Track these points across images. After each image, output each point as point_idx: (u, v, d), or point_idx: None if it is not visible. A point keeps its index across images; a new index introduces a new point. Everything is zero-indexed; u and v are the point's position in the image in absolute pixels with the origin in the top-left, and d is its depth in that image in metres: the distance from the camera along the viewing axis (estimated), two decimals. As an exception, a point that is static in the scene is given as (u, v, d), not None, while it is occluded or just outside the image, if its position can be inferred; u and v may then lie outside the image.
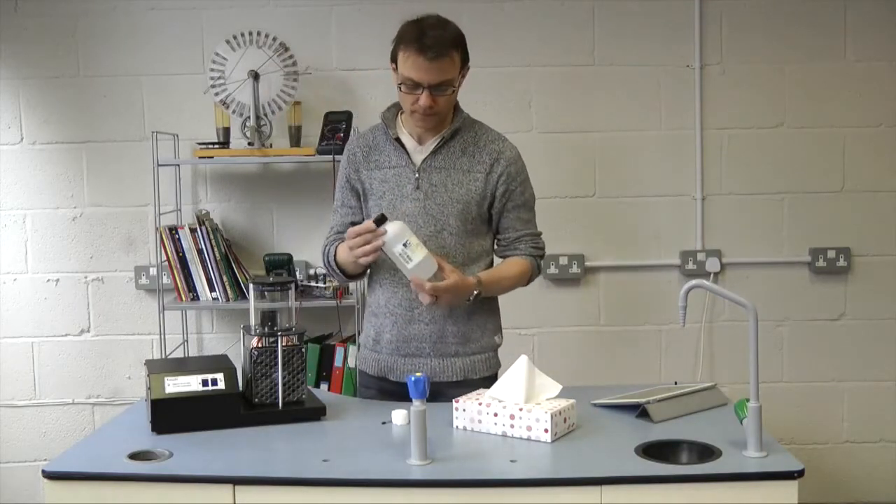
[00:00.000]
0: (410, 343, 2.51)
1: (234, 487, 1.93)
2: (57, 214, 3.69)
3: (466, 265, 2.49)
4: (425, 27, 2.38)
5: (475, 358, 2.53)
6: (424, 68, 2.36)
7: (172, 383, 2.20)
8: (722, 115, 3.69)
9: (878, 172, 3.72)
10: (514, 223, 2.56)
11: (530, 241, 2.58)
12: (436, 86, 2.38)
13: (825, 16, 3.67)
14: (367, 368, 2.61)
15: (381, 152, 2.54)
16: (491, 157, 2.50)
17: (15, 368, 3.73)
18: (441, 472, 1.94)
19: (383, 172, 2.52)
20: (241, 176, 3.70)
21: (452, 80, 2.41)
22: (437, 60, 2.35)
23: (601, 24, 3.67)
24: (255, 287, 2.34)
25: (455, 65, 2.41)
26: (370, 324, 2.61)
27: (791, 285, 3.75)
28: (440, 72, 2.37)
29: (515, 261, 2.56)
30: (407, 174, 2.49)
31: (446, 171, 2.48)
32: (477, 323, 2.53)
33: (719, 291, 2.11)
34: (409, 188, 2.49)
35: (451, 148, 2.50)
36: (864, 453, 3.81)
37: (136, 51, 3.64)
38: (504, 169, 2.50)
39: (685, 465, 2.03)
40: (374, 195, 2.53)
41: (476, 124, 2.56)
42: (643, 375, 3.66)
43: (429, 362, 2.51)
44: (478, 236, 2.53)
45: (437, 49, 2.35)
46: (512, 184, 2.52)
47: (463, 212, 2.48)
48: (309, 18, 3.64)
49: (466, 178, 2.48)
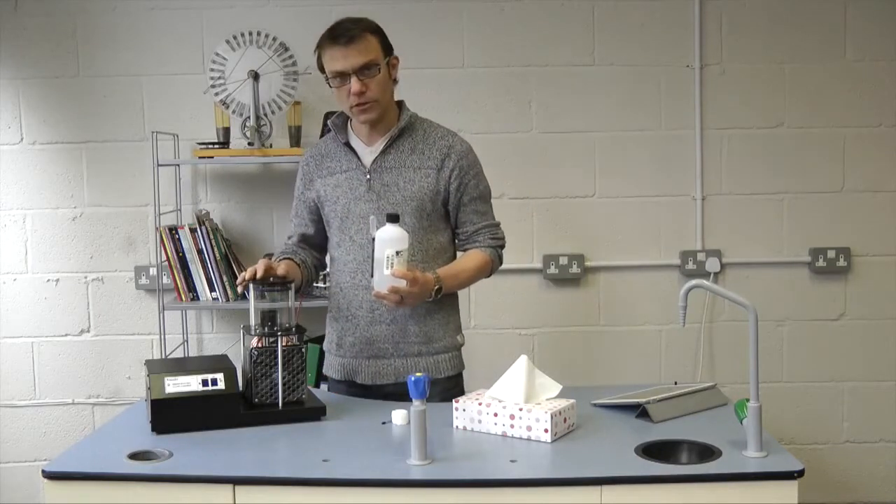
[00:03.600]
0: (374, 344, 2.54)
1: (234, 487, 1.93)
2: (57, 214, 3.69)
3: (426, 262, 2.50)
4: (335, 24, 2.46)
5: (439, 357, 2.55)
6: (342, 55, 2.41)
7: (172, 383, 2.20)
8: (722, 115, 3.69)
9: (878, 172, 3.72)
10: (471, 216, 2.58)
11: (488, 232, 2.60)
12: (360, 69, 2.41)
13: (825, 16, 3.67)
14: (333, 373, 2.64)
15: (333, 158, 2.58)
16: (441, 152, 2.52)
17: (15, 368, 3.73)
18: (441, 472, 1.94)
19: (335, 178, 2.55)
20: (241, 176, 3.70)
21: (375, 61, 2.43)
22: (352, 43, 2.40)
23: (601, 24, 3.67)
24: (255, 287, 2.34)
25: (373, 46, 2.44)
26: (332, 328, 2.64)
27: (791, 285, 3.75)
28: (359, 53, 2.41)
29: (473, 253, 2.58)
30: (358, 176, 2.52)
31: (397, 169, 2.51)
32: (438, 322, 2.55)
33: (719, 291, 2.11)
34: (362, 190, 2.51)
35: (399, 147, 2.52)
36: (864, 453, 3.81)
37: (136, 51, 3.64)
38: (456, 163, 2.52)
39: (685, 465, 2.03)
40: (328, 201, 2.57)
41: (424, 122, 2.59)
42: (643, 375, 3.66)
43: (392, 363, 2.53)
44: (435, 233, 2.55)
45: (350, 33, 2.41)
46: (465, 177, 2.54)
47: (417, 209, 2.50)
48: (309, 18, 3.63)
49: (417, 175, 2.51)
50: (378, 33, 2.48)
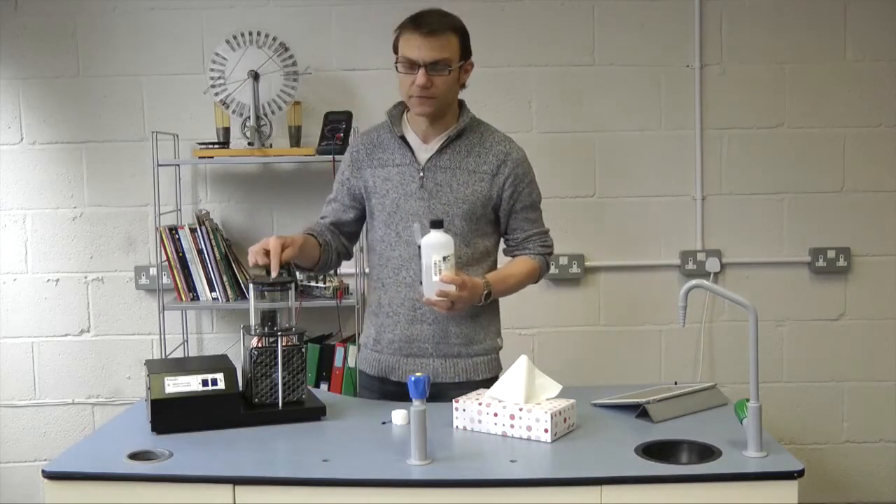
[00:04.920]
0: (413, 343, 2.51)
1: (234, 487, 1.93)
2: (57, 214, 3.69)
3: (470, 265, 2.49)
4: (423, 11, 2.42)
5: (478, 360, 2.53)
6: (418, 44, 2.37)
7: (172, 383, 2.20)
8: (722, 115, 3.69)
9: (878, 172, 3.72)
10: (523, 224, 2.56)
11: (538, 239, 2.58)
12: (431, 64, 2.37)
13: (825, 16, 3.67)
14: (368, 369, 2.61)
15: (385, 150, 2.53)
16: (498, 158, 2.50)
17: (15, 368, 3.73)
18: (441, 472, 1.94)
19: (387, 171, 2.52)
20: (241, 176, 3.70)
21: (449, 61, 2.40)
22: (433, 36, 2.36)
23: (601, 24, 3.67)
24: (255, 287, 2.34)
25: (452, 46, 2.40)
26: (370, 323, 2.61)
27: (791, 285, 3.75)
28: (436, 48, 2.37)
29: (522, 260, 2.57)
30: (411, 173, 2.49)
31: (451, 170, 2.48)
32: (480, 324, 2.53)
33: (719, 291, 2.11)
34: (414, 187, 2.48)
35: (456, 148, 2.49)
36: (864, 453, 3.81)
37: (136, 51, 3.64)
38: (511, 171, 2.50)
39: (685, 465, 2.03)
40: (377, 193, 2.53)
41: (482, 125, 2.56)
42: (643, 375, 3.66)
43: (431, 363, 2.50)
44: (482, 236, 2.53)
45: (433, 25, 2.37)
46: (519, 185, 2.52)
47: (469, 212, 2.48)
48: (309, 18, 3.64)
49: (472, 178, 2.48)
50: (461, 34, 2.43)
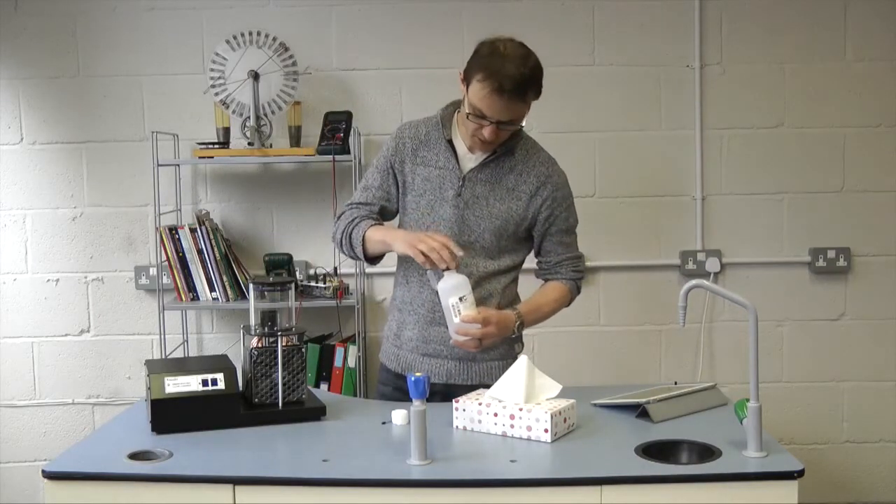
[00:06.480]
0: (429, 343, 2.52)
1: (234, 487, 1.93)
2: (57, 214, 3.69)
3: (493, 277, 2.49)
4: (506, 60, 2.29)
5: (493, 364, 2.52)
6: (496, 107, 2.32)
7: (172, 383, 2.20)
8: (722, 115, 3.69)
9: (878, 172, 3.72)
10: (556, 247, 2.55)
11: (570, 264, 2.58)
12: (504, 122, 2.35)
13: (825, 16, 3.67)
14: (388, 363, 2.61)
15: (430, 149, 2.51)
16: (538, 179, 2.49)
17: (15, 368, 3.73)
18: (441, 472, 1.94)
19: (428, 170, 2.50)
20: (241, 176, 3.70)
21: (520, 119, 2.38)
22: (512, 101, 2.31)
23: (601, 24, 3.67)
24: (255, 287, 2.34)
25: (528, 104, 2.37)
26: (393, 317, 2.61)
27: (791, 285, 3.75)
28: (512, 112, 2.34)
29: (553, 286, 2.57)
30: (451, 179, 2.47)
31: (491, 185, 2.47)
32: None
33: (719, 291, 2.11)
34: (451, 194, 2.47)
35: (499, 163, 2.47)
36: (864, 453, 3.81)
37: (136, 51, 3.64)
38: (550, 194, 2.49)
39: (685, 465, 2.02)
40: (413, 192, 2.51)
41: (529, 142, 2.54)
42: (643, 375, 3.66)
43: (446, 364, 2.51)
44: (509, 253, 2.52)
45: (515, 91, 2.29)
46: (557, 209, 2.51)
47: (500, 229, 2.47)
48: (309, 18, 3.64)
49: (509, 196, 2.47)
50: (538, 84, 2.34)
